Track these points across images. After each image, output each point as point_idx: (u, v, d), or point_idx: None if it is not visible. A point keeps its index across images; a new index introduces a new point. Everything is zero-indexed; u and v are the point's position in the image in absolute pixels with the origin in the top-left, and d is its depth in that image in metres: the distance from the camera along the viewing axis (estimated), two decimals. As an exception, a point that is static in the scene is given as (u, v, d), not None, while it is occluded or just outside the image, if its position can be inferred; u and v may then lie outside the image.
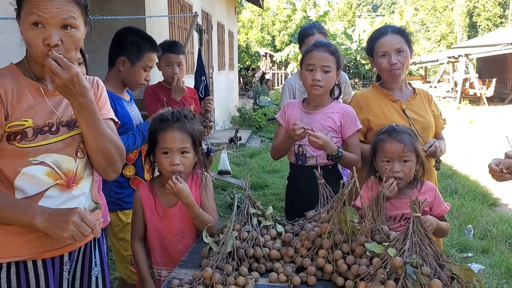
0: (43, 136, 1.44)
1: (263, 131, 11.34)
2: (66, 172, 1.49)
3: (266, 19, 30.59)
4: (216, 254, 1.59)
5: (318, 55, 2.25)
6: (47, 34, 1.33)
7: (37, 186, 1.44)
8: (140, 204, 1.95)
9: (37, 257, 1.48)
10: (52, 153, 1.45)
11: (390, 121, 2.24)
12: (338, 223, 1.62)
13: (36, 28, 1.33)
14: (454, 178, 6.54)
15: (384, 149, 1.96)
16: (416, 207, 1.46)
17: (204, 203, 1.96)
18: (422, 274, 1.35)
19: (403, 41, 2.34)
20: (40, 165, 1.44)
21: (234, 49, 15.31)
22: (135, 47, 2.43)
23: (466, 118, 13.28)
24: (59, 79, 1.31)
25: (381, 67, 2.37)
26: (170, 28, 7.14)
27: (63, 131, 1.49)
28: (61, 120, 1.49)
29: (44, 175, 1.45)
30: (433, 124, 2.41)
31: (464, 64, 17.61)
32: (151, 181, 1.99)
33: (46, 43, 1.33)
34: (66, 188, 1.50)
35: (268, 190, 6.03)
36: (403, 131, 1.97)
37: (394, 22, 25.20)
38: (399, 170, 1.92)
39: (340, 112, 2.30)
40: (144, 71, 2.48)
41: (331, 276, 1.58)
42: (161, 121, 1.86)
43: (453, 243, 4.09)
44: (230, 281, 1.50)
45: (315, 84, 2.24)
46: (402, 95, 2.43)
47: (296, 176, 2.42)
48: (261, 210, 1.90)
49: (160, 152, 1.85)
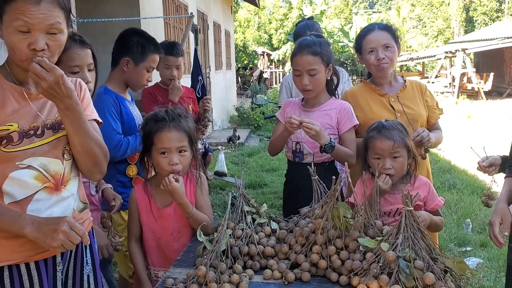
0: (29, 139, 1.44)
1: (262, 130, 11.34)
2: (54, 174, 1.50)
3: (263, 18, 30.57)
4: (210, 253, 1.59)
5: (301, 60, 2.26)
6: (33, 39, 1.33)
7: (26, 190, 1.44)
8: (136, 205, 1.95)
9: (30, 260, 1.48)
10: (38, 157, 1.45)
11: (377, 115, 2.28)
12: (332, 219, 1.62)
13: (21, 33, 1.33)
14: (452, 172, 6.54)
15: (374, 146, 1.96)
16: (408, 201, 1.46)
17: (199, 201, 1.97)
18: (415, 268, 1.35)
19: (390, 37, 2.37)
20: (27, 169, 1.43)
21: (231, 48, 15.29)
22: (140, 48, 2.46)
23: (464, 113, 13.28)
24: (44, 82, 1.30)
25: (369, 63, 2.40)
26: (165, 29, 7.13)
27: (48, 134, 1.49)
28: (46, 123, 1.49)
29: (32, 179, 1.45)
30: (423, 115, 2.42)
31: (462, 59, 17.62)
32: (146, 182, 1.99)
33: (32, 48, 1.34)
34: (55, 191, 1.50)
35: (266, 188, 6.04)
36: (393, 127, 1.97)
37: (391, 19, 25.21)
38: (390, 167, 1.93)
39: (337, 108, 2.31)
40: (147, 72, 2.51)
41: (325, 272, 1.58)
42: (156, 121, 1.85)
43: (451, 237, 4.09)
44: (224, 279, 1.50)
45: (304, 89, 2.28)
46: (391, 89, 2.46)
47: (293, 173, 2.42)
48: (255, 207, 1.90)
49: (157, 152, 1.84)
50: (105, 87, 2.44)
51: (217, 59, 11.94)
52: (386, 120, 2.06)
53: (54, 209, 1.49)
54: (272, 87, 22.19)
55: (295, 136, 2.34)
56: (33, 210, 1.45)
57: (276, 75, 26.29)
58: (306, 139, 2.30)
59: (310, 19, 3.55)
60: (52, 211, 1.48)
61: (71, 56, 1.87)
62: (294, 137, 2.34)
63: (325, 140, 2.15)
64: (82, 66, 1.89)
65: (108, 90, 2.42)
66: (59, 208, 1.51)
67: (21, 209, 1.43)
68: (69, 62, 1.86)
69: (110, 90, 2.42)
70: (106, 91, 2.41)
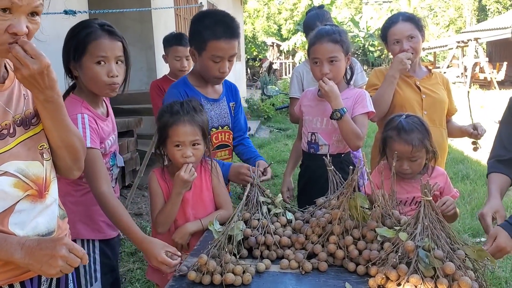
0: (3, 141, 1.23)
1: (272, 122, 11.31)
2: (35, 179, 1.29)
3: (272, 8, 30.40)
4: (215, 242, 1.60)
5: (321, 48, 2.20)
6: (16, 21, 1.14)
7: (5, 201, 1.23)
8: (159, 185, 1.96)
9: (15, 281, 1.30)
10: (13, 160, 1.24)
11: (404, 94, 2.50)
12: (349, 209, 1.62)
13: (2, 14, 1.13)
14: (465, 163, 6.49)
15: (393, 147, 1.95)
16: (427, 191, 1.45)
17: (217, 189, 2.01)
18: (435, 258, 1.34)
19: (414, 27, 2.49)
20: (3, 176, 1.22)
21: (241, 40, 15.24)
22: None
23: (476, 103, 13.12)
24: (26, 70, 1.14)
25: (394, 53, 2.53)
26: (176, 20, 7.13)
27: (20, 132, 1.28)
28: (15, 119, 1.28)
29: (11, 187, 1.24)
30: (446, 102, 2.55)
31: (474, 49, 17.37)
32: (164, 168, 2.00)
33: (12, 31, 1.13)
34: (39, 198, 1.31)
35: (278, 180, 6.03)
36: (412, 129, 1.93)
37: (401, 8, 24.88)
38: (408, 168, 1.94)
39: (353, 97, 2.27)
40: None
41: (342, 262, 1.58)
42: (171, 114, 1.88)
43: (465, 228, 4.07)
44: (229, 268, 1.49)
45: (323, 78, 2.22)
46: (416, 74, 2.62)
47: (308, 164, 2.41)
48: (270, 198, 1.90)
49: (172, 145, 1.88)
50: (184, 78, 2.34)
51: (227, 50, 11.89)
52: (407, 116, 2.03)
53: (39, 219, 1.31)
54: (282, 78, 22.10)
55: (310, 127, 2.32)
56: (16, 223, 1.25)
57: (285, 66, 26.18)
58: (322, 130, 2.29)
59: (320, 8, 3.48)
60: (37, 222, 1.30)
61: (99, 45, 1.76)
62: (310, 127, 2.33)
63: (337, 104, 2.13)
64: (109, 58, 1.77)
65: (177, 84, 2.30)
66: (44, 217, 1.32)
67: (0, 224, 1.22)
68: (96, 52, 1.75)
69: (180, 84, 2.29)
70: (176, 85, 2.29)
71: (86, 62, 1.77)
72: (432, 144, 1.97)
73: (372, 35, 21.63)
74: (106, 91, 1.82)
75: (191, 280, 1.50)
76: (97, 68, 1.76)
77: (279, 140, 8.90)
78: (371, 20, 23.32)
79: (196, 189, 1.96)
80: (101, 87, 1.79)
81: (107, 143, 1.88)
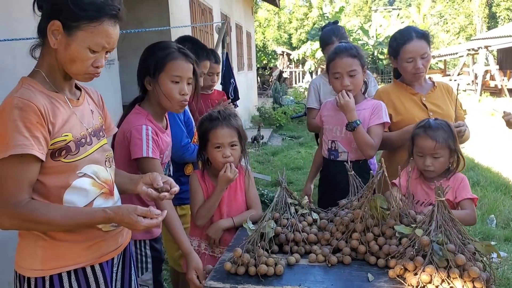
0: (83, 148, 1.48)
1: (284, 129, 11.51)
2: (104, 181, 1.55)
3: (283, 18, 30.72)
4: (249, 237, 1.79)
5: (341, 63, 2.40)
6: (99, 58, 1.44)
7: (86, 197, 1.48)
8: (199, 184, 2.17)
9: (95, 262, 1.55)
10: (91, 164, 1.50)
11: (410, 113, 2.47)
12: (369, 209, 1.81)
13: (91, 53, 1.41)
14: (476, 170, 6.61)
15: (418, 143, 2.11)
16: (440, 192, 1.64)
17: (249, 191, 2.23)
18: (448, 251, 1.53)
19: (426, 45, 2.49)
20: (84, 177, 1.48)
21: (252, 49, 15.49)
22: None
23: (487, 111, 13.20)
24: (141, 227, 1.44)
25: (406, 71, 2.53)
26: (192, 32, 7.38)
27: (95, 141, 1.54)
28: (89, 131, 1.53)
29: (91, 186, 1.50)
30: (452, 116, 2.51)
31: (484, 56, 17.42)
32: (204, 171, 2.21)
33: (96, 65, 1.43)
34: (110, 196, 1.58)
35: (292, 186, 6.20)
36: (438, 128, 2.07)
37: (411, 15, 24.98)
38: (430, 164, 2.07)
39: (370, 108, 2.44)
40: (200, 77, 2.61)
41: (364, 256, 1.76)
42: (211, 120, 2.10)
43: (476, 232, 4.21)
44: (262, 260, 1.67)
45: (345, 90, 2.39)
46: (421, 89, 2.60)
47: (328, 170, 2.60)
48: (297, 200, 2.10)
49: (212, 147, 2.09)
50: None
51: (239, 60, 12.14)
52: (436, 118, 2.17)
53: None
54: (292, 87, 22.30)
55: (330, 135, 2.52)
56: None
57: (295, 74, 26.41)
58: (341, 138, 2.48)
59: (335, 23, 3.66)
60: None
61: (176, 66, 2.01)
62: (330, 135, 2.53)
63: (352, 117, 2.33)
64: (182, 78, 2.02)
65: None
66: None
67: None
68: (173, 71, 2.00)
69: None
70: None
71: (162, 79, 2.01)
72: (456, 146, 2.10)
73: (381, 43, 21.77)
74: (176, 108, 2.07)
75: (226, 270, 1.69)
76: (172, 86, 2.01)
77: (292, 148, 9.08)
78: (380, 28, 23.50)
79: (231, 190, 2.18)
80: (173, 103, 2.04)
81: (164, 154, 2.12)
